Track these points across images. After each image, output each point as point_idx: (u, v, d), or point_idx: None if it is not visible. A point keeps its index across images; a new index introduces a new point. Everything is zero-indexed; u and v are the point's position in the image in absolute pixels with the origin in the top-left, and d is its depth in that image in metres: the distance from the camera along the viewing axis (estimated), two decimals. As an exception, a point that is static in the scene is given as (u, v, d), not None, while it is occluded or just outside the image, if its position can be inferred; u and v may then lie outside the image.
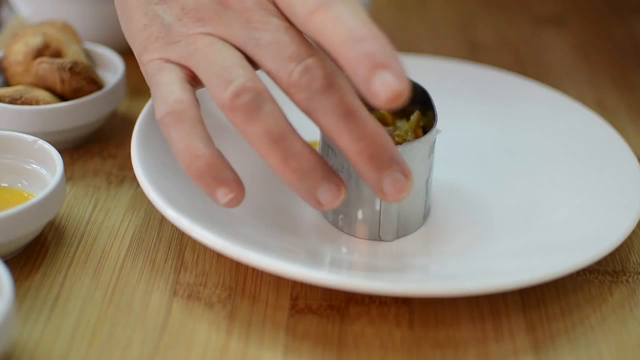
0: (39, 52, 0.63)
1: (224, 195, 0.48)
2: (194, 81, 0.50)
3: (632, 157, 0.59)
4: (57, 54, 0.63)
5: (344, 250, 0.54)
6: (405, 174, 0.47)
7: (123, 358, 0.47)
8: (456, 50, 0.80)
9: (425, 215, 0.56)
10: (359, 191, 0.52)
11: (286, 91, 0.47)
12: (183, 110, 0.48)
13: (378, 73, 0.43)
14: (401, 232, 0.54)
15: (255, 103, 0.46)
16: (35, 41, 0.63)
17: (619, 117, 0.70)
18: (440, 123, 0.54)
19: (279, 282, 0.52)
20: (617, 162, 0.59)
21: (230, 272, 0.52)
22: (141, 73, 0.74)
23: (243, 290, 0.51)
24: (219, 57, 0.48)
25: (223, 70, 0.48)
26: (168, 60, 0.50)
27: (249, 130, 0.47)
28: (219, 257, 0.53)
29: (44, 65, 0.61)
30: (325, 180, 0.47)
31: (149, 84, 0.51)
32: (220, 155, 0.48)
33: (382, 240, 0.54)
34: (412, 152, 0.51)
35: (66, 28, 0.65)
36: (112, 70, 0.65)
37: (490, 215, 0.57)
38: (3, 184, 0.56)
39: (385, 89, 0.43)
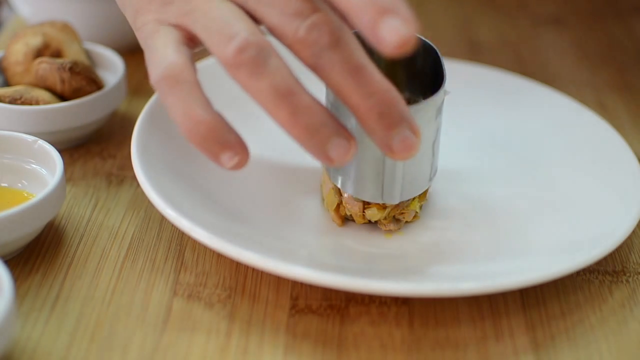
0: (39, 52, 0.63)
1: (228, 159, 0.46)
2: (192, 42, 0.48)
3: (632, 157, 0.59)
4: (57, 54, 0.63)
5: (344, 249, 0.54)
6: (414, 131, 0.46)
7: (123, 358, 0.47)
8: (456, 50, 0.80)
9: (432, 177, 0.54)
10: (363, 151, 0.51)
11: (291, 48, 0.46)
12: (178, 74, 0.46)
13: (385, 19, 0.42)
14: (406, 194, 0.53)
15: (260, 58, 0.45)
16: (35, 41, 0.63)
17: (619, 117, 0.70)
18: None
19: (279, 282, 0.52)
20: (617, 162, 0.59)
21: (230, 272, 0.52)
22: (141, 73, 0.74)
23: (243, 290, 0.51)
24: (218, 13, 0.47)
25: (224, 26, 0.46)
26: (163, 22, 0.49)
27: (254, 87, 0.45)
28: (219, 257, 0.53)
29: (44, 65, 0.61)
30: (335, 135, 0.46)
31: (143, 48, 0.49)
32: (221, 118, 0.46)
33: (384, 202, 0.53)
34: (419, 114, 0.50)
35: (66, 28, 0.65)
36: (112, 70, 0.65)
37: (489, 215, 0.57)
38: (3, 184, 0.56)
39: (394, 34, 0.42)
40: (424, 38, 0.54)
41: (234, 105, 0.62)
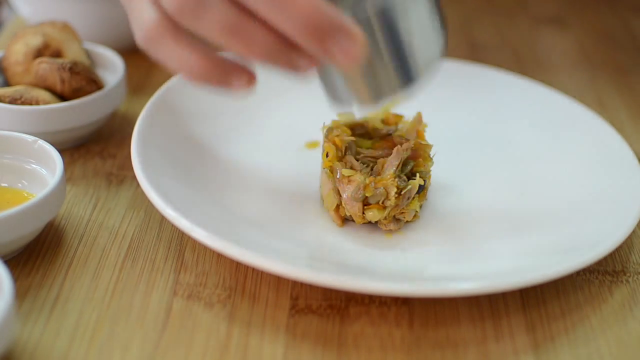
0: (39, 52, 0.63)
1: (238, 80, 0.47)
2: None
3: (632, 157, 0.59)
4: (57, 54, 0.63)
5: (344, 249, 0.54)
6: (352, 37, 0.44)
7: (123, 358, 0.47)
8: (456, 50, 0.80)
9: (440, 54, 0.49)
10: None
11: None
12: (158, 29, 0.47)
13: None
14: (407, 79, 0.48)
15: (198, 1, 0.45)
16: (35, 41, 0.63)
17: (619, 117, 0.70)
18: (440, 123, 0.54)
19: (279, 282, 0.52)
20: (617, 161, 0.59)
21: (230, 272, 0.52)
22: (141, 73, 0.74)
23: (243, 290, 0.51)
24: None
25: None
26: None
27: (203, 30, 0.46)
28: (219, 257, 0.53)
29: (44, 65, 0.61)
30: (296, 53, 0.45)
31: (126, 11, 0.50)
32: (215, 53, 0.47)
33: (393, 94, 0.49)
34: None
35: (66, 28, 0.65)
36: (112, 70, 0.65)
37: (490, 215, 0.57)
38: (3, 184, 0.56)
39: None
40: None
41: (233, 109, 0.62)
